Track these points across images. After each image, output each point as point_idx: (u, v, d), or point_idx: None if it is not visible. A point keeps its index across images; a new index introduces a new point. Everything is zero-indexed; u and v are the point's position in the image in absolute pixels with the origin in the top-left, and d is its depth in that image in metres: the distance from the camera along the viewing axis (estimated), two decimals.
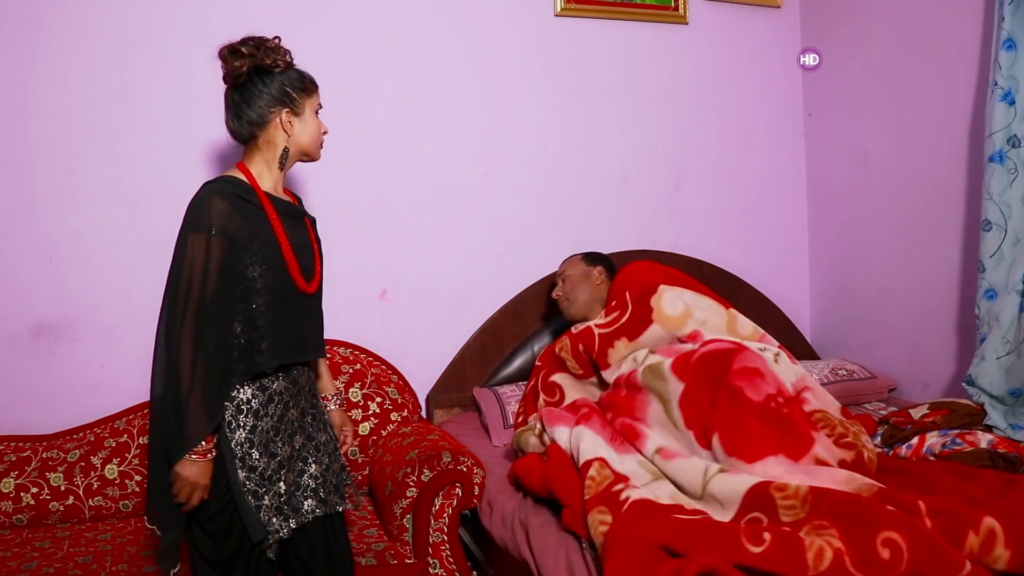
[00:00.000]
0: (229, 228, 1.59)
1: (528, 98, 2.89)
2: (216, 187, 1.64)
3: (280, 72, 1.71)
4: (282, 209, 1.72)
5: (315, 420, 1.79)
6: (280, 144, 1.72)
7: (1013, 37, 2.20)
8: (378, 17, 2.70)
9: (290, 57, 1.73)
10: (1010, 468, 1.84)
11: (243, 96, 1.71)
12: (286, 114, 1.71)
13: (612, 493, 1.75)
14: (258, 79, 1.70)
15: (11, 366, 2.39)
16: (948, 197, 2.59)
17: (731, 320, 2.34)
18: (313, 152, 1.77)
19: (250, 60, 1.67)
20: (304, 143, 1.74)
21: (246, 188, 1.68)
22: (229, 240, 1.59)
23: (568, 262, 2.66)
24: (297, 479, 1.72)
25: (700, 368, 1.92)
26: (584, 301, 2.54)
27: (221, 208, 1.60)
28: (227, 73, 1.70)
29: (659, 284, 2.37)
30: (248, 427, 1.62)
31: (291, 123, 1.71)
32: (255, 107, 1.70)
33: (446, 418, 2.78)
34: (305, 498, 1.72)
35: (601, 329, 2.37)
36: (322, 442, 1.78)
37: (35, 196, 2.39)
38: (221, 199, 1.61)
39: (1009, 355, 2.23)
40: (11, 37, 2.34)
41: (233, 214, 1.61)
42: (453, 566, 2.12)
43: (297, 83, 1.72)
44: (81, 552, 2.03)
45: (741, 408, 1.83)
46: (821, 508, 1.55)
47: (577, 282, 2.56)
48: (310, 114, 1.74)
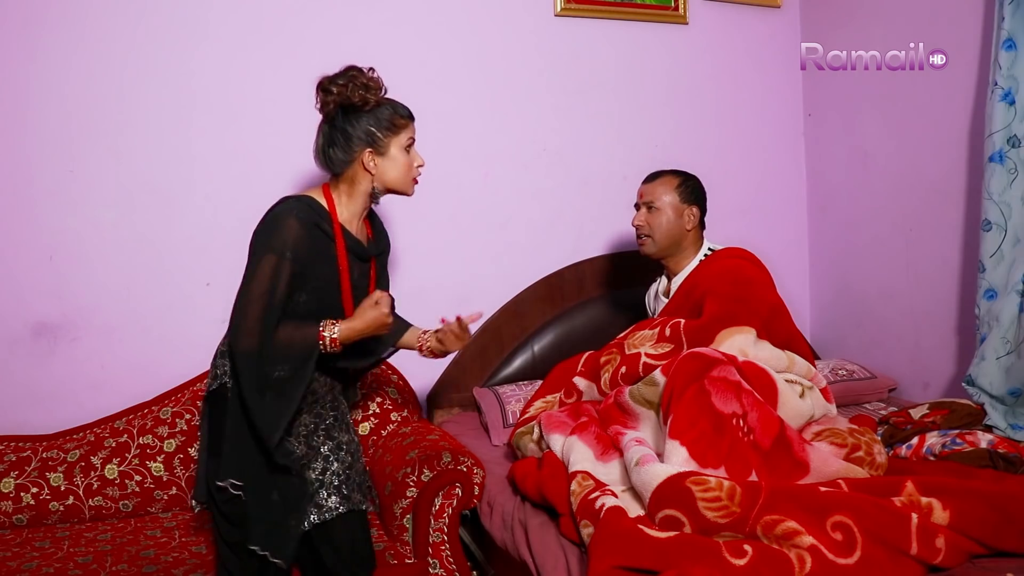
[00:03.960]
0: (300, 253, 1.63)
1: (528, 98, 2.89)
2: (299, 209, 1.66)
3: (369, 110, 1.70)
4: (351, 247, 1.74)
5: (337, 421, 1.82)
6: (364, 183, 1.74)
7: (1013, 37, 2.20)
8: (377, 17, 2.70)
9: (382, 92, 1.72)
10: (1010, 468, 1.84)
11: (331, 132, 1.72)
12: (369, 154, 1.71)
13: (589, 501, 1.74)
14: (345, 117, 1.70)
15: (11, 366, 2.39)
16: (948, 197, 2.59)
17: (789, 364, 2.09)
18: (402, 188, 1.78)
19: (338, 98, 1.68)
20: (390, 181, 1.75)
21: (325, 216, 1.70)
22: (300, 265, 1.64)
23: (660, 184, 2.32)
24: (320, 477, 1.74)
25: (682, 363, 1.88)
26: (667, 244, 2.30)
27: (298, 233, 1.63)
28: (319, 107, 1.72)
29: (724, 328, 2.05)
30: None
31: (375, 163, 1.72)
32: (340, 145, 1.71)
33: (446, 418, 2.78)
34: (329, 495, 1.74)
35: (649, 359, 2.10)
36: (344, 442, 1.81)
37: (35, 196, 2.39)
38: (299, 223, 1.64)
39: (1009, 355, 2.23)
40: (11, 37, 2.34)
41: (306, 240, 1.64)
42: (453, 566, 2.12)
43: (384, 122, 1.71)
44: (81, 552, 2.03)
45: (704, 410, 1.77)
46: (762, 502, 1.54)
47: (667, 218, 2.29)
48: (397, 152, 1.73)
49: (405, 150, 1.75)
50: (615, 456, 1.93)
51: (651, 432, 1.93)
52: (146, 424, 2.38)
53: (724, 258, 2.29)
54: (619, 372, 2.15)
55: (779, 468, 1.74)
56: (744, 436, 1.75)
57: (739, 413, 1.77)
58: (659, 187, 2.33)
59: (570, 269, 2.95)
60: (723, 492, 1.58)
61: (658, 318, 2.29)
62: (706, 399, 1.78)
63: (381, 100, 1.72)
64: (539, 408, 2.36)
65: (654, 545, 1.53)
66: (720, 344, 2.01)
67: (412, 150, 1.77)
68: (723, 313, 2.07)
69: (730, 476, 1.69)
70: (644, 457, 1.75)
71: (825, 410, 2.06)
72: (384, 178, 1.74)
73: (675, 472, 1.65)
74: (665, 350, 2.10)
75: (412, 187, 1.79)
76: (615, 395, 2.08)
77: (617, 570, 1.51)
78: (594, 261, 2.99)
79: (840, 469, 1.78)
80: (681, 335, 2.10)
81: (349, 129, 1.70)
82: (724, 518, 1.56)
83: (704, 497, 1.58)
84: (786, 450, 1.76)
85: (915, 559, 1.51)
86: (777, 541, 1.51)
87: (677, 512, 1.59)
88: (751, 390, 1.83)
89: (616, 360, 2.20)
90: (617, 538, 1.57)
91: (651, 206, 2.32)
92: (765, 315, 2.12)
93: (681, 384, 1.82)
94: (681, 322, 2.14)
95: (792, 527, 1.51)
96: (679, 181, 2.34)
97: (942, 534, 1.53)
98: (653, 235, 2.31)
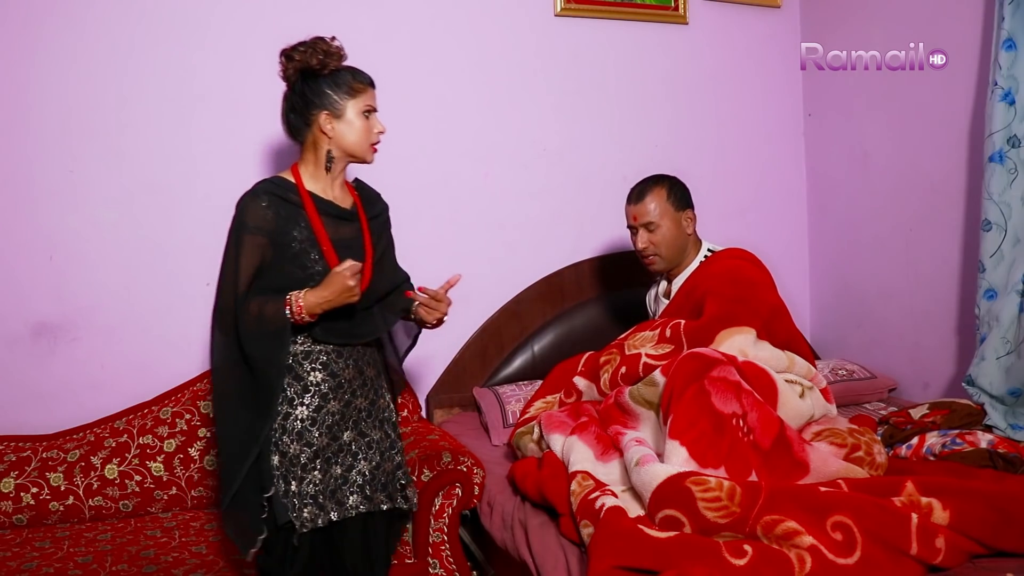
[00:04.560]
0: (264, 225, 1.67)
1: (528, 98, 2.89)
2: (258, 188, 1.71)
3: (328, 74, 1.71)
4: (323, 208, 1.74)
5: (371, 417, 1.81)
6: (323, 147, 1.74)
7: (1013, 37, 2.20)
8: (378, 17, 2.70)
9: (341, 59, 1.72)
10: (1010, 468, 1.84)
11: (292, 97, 1.74)
12: (325, 117, 1.71)
13: (590, 501, 1.74)
14: (304, 82, 1.72)
15: (11, 366, 2.38)
16: (948, 197, 2.59)
17: (789, 365, 2.08)
18: (360, 154, 1.77)
19: (299, 64, 1.70)
20: (347, 145, 1.75)
21: (290, 186, 1.72)
22: (268, 235, 1.67)
23: (651, 200, 2.27)
24: (345, 473, 1.75)
25: (682, 363, 1.88)
26: (675, 255, 2.29)
27: (257, 208, 1.67)
28: (280, 74, 1.74)
29: (724, 328, 2.04)
30: (281, 414, 1.68)
31: (331, 126, 1.72)
32: (298, 110, 1.73)
33: (446, 418, 2.78)
34: (351, 493, 1.75)
35: (650, 360, 2.09)
36: (376, 439, 1.81)
37: (35, 196, 2.39)
38: (258, 199, 1.68)
39: (1009, 355, 2.23)
40: (12, 37, 2.34)
41: (268, 211, 1.67)
42: (453, 566, 2.12)
43: (343, 86, 1.71)
44: (81, 552, 2.03)
45: (704, 410, 1.77)
46: (762, 502, 1.54)
47: (669, 233, 2.26)
48: (354, 116, 1.73)
49: (363, 115, 1.74)
50: (615, 456, 1.93)
51: (651, 432, 1.93)
52: (146, 424, 2.38)
53: (724, 259, 2.29)
54: (619, 372, 2.15)
55: (779, 468, 1.74)
56: (744, 436, 1.75)
57: (739, 413, 1.77)
58: (650, 204, 2.28)
59: (570, 269, 2.96)
60: (723, 492, 1.58)
61: (659, 319, 2.28)
62: (706, 399, 1.78)
63: (341, 66, 1.73)
64: (539, 408, 2.36)
65: (654, 545, 1.53)
66: (720, 344, 2.01)
67: (372, 117, 1.76)
68: (723, 313, 2.07)
69: (730, 476, 1.69)
70: (644, 457, 1.75)
71: (825, 410, 2.06)
72: (341, 142, 1.73)
73: (675, 472, 1.65)
74: (665, 351, 2.10)
75: (371, 154, 1.78)
76: (615, 395, 2.09)
77: (617, 570, 1.51)
78: (594, 261, 2.99)
79: (840, 469, 1.78)
80: (681, 336, 2.10)
81: (308, 93, 1.71)
82: (724, 518, 1.56)
83: (704, 497, 1.58)
84: (786, 450, 1.76)
85: (915, 559, 1.51)
86: (777, 541, 1.51)
87: (677, 512, 1.59)
88: (751, 390, 1.83)
89: (616, 360, 2.20)
90: (617, 538, 1.57)
91: (649, 226, 2.28)
92: (765, 315, 2.11)
93: (681, 384, 1.82)
94: (681, 323, 2.14)
95: (792, 527, 1.51)
96: (667, 190, 2.29)
97: (942, 534, 1.53)
98: (660, 253, 2.29)
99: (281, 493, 1.66)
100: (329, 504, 1.71)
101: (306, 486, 1.69)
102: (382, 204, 1.94)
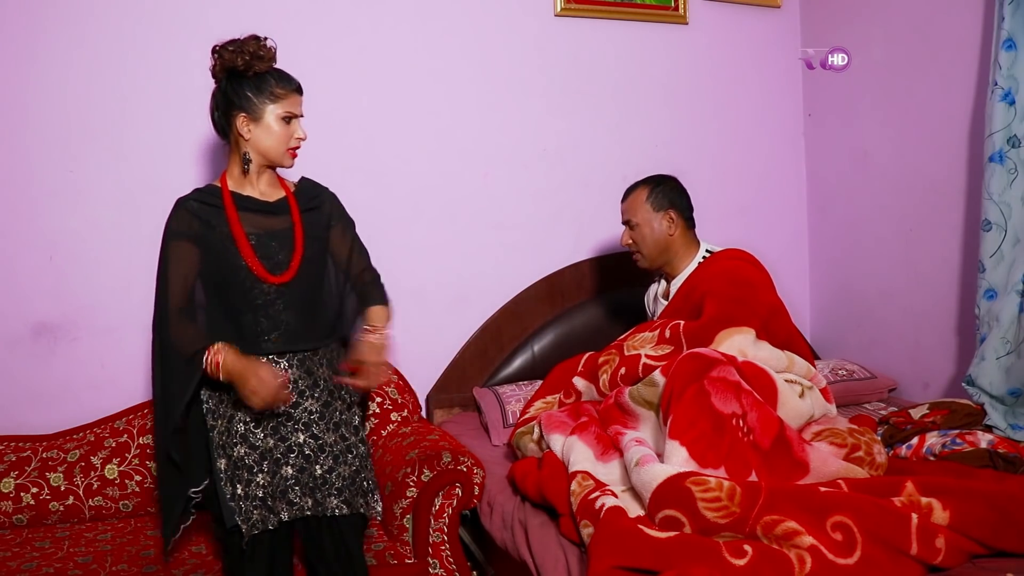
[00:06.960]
0: (186, 228, 1.70)
1: (528, 98, 2.89)
2: (182, 198, 1.74)
3: (252, 76, 1.69)
4: (242, 204, 1.74)
5: (324, 420, 1.78)
6: (242, 148, 1.74)
7: (1013, 37, 2.20)
8: (377, 17, 2.70)
9: (269, 61, 1.71)
10: (1010, 468, 1.84)
11: (217, 96, 1.74)
12: (243, 119, 1.70)
13: (590, 501, 1.74)
14: (229, 82, 1.71)
15: (11, 366, 2.38)
16: (948, 197, 2.59)
17: (789, 364, 2.08)
18: (276, 159, 1.75)
19: (226, 63, 1.69)
20: (263, 149, 1.73)
21: (213, 191, 1.75)
22: (193, 239, 1.69)
23: (633, 200, 2.36)
24: (297, 475, 1.73)
25: (682, 364, 1.88)
26: (657, 255, 2.33)
27: (179, 215, 1.71)
28: (211, 72, 1.74)
29: (723, 328, 2.04)
30: (227, 417, 1.69)
31: (248, 129, 1.71)
32: (221, 109, 1.73)
33: (446, 418, 2.78)
34: (301, 495, 1.73)
35: (649, 360, 2.09)
36: (328, 443, 1.78)
37: (35, 196, 2.39)
38: (178, 207, 1.72)
39: (1009, 355, 2.23)
40: (11, 37, 2.34)
41: (189, 215, 1.70)
42: (453, 566, 2.12)
43: (265, 91, 1.70)
44: (81, 552, 2.03)
45: (704, 410, 1.77)
46: (762, 502, 1.54)
47: (647, 231, 2.32)
48: (272, 120, 1.71)
49: (283, 120, 1.71)
50: (615, 456, 1.93)
51: (651, 432, 1.93)
52: (146, 424, 2.38)
53: (723, 259, 2.29)
54: (618, 373, 2.15)
55: (779, 468, 1.74)
56: (744, 436, 1.75)
57: (739, 413, 1.77)
58: (632, 203, 2.37)
59: (570, 269, 2.96)
60: (723, 492, 1.58)
61: (658, 320, 2.28)
62: (706, 399, 1.78)
63: (268, 69, 1.71)
64: (539, 408, 2.36)
65: (654, 545, 1.53)
66: (719, 345, 2.01)
67: (294, 122, 1.74)
68: (722, 314, 2.07)
69: (730, 476, 1.69)
70: (644, 457, 1.75)
71: (825, 410, 2.06)
72: (257, 145, 1.72)
73: (675, 472, 1.65)
74: (665, 352, 2.10)
75: (288, 159, 1.76)
76: (615, 395, 2.08)
77: (617, 570, 1.51)
78: (594, 261, 2.99)
79: (840, 469, 1.78)
80: (681, 337, 2.10)
81: (230, 93, 1.70)
82: (724, 518, 1.56)
83: (704, 497, 1.58)
84: (786, 450, 1.76)
85: (915, 559, 1.51)
86: (777, 541, 1.51)
87: (677, 512, 1.59)
88: (751, 390, 1.83)
89: (615, 361, 2.20)
90: (617, 538, 1.57)
91: (631, 224, 2.36)
92: (764, 315, 2.12)
93: (681, 384, 1.82)
94: (681, 324, 2.14)
95: (792, 527, 1.51)
96: (648, 191, 2.35)
97: (942, 534, 1.53)
98: (641, 251, 2.35)
99: (228, 496, 1.67)
100: (279, 505, 1.70)
101: (253, 488, 1.68)
102: (324, 195, 1.90)
